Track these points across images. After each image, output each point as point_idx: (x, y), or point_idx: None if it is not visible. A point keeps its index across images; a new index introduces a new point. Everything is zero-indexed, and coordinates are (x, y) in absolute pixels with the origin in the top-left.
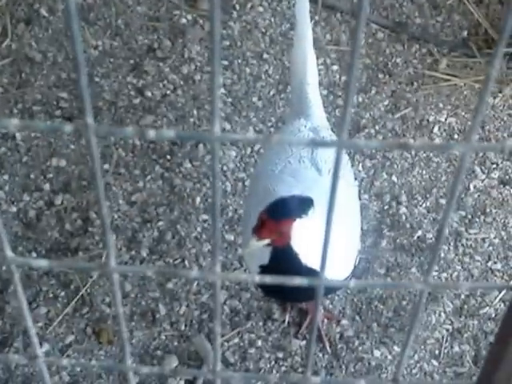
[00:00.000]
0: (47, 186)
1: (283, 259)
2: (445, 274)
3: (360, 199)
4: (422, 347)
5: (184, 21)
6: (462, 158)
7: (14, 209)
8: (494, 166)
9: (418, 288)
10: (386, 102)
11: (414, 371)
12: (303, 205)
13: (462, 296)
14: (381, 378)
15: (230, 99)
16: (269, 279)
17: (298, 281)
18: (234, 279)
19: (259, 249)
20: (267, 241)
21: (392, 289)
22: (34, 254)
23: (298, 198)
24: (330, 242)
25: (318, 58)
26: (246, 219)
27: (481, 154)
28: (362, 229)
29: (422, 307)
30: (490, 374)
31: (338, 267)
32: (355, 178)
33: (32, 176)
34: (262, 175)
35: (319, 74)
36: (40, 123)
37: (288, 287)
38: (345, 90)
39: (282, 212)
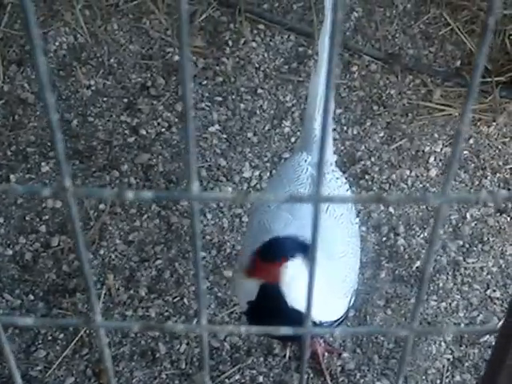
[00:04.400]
0: (43, 228)
1: (270, 297)
2: (444, 304)
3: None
4: (424, 377)
5: (177, 58)
6: (438, 209)
7: (10, 252)
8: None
9: (403, 334)
10: (381, 134)
11: None
12: (297, 246)
13: (462, 325)
14: None
15: (224, 135)
16: (255, 329)
17: (284, 330)
18: (221, 331)
19: (247, 285)
20: (256, 280)
21: (378, 334)
22: (32, 297)
23: (292, 239)
24: (323, 286)
25: None
26: (241, 256)
27: (477, 183)
28: (360, 261)
29: (409, 353)
30: (490, 382)
31: (332, 309)
32: (357, 215)
33: (27, 218)
34: (258, 210)
35: None
36: (18, 187)
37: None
38: (320, 146)
39: (273, 254)
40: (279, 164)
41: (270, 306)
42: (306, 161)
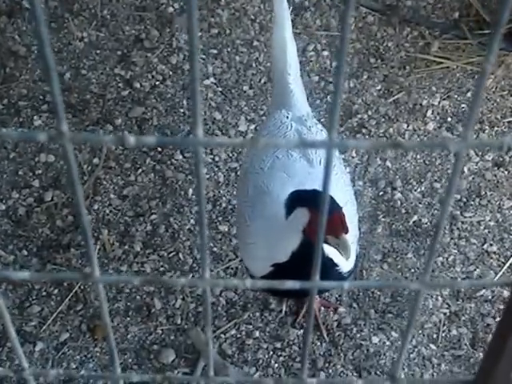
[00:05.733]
0: (36, 183)
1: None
2: (440, 258)
3: (354, 186)
4: (420, 332)
5: (171, 9)
6: (457, 155)
7: (3, 207)
8: (488, 148)
9: (414, 288)
10: (378, 87)
11: (412, 356)
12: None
13: (459, 279)
14: (379, 365)
15: (220, 88)
16: (260, 284)
17: (290, 284)
18: (225, 285)
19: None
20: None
21: (387, 287)
22: (25, 252)
23: (314, 191)
24: None
25: (308, 44)
26: (241, 221)
27: (474, 136)
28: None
29: (420, 310)
30: (490, 369)
31: None
32: (345, 166)
33: (20, 173)
34: (250, 174)
35: (310, 61)
36: (13, 132)
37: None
38: (334, 88)
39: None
40: (260, 125)
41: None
42: (287, 117)
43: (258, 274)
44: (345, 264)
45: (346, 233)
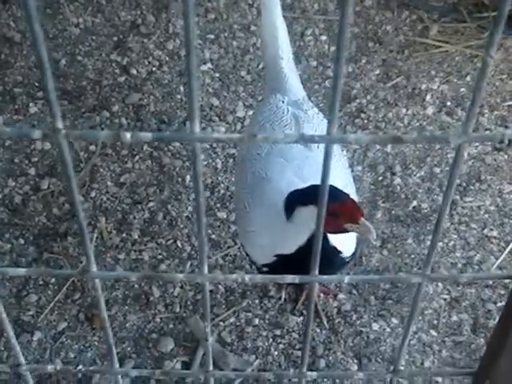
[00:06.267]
0: (32, 171)
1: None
2: (441, 244)
3: (353, 171)
4: (420, 318)
5: None
6: (458, 149)
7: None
8: (488, 132)
9: (416, 281)
10: (376, 71)
11: (412, 342)
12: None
13: (459, 265)
14: (380, 352)
15: (217, 74)
16: (260, 277)
17: (290, 278)
18: (224, 280)
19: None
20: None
21: (388, 282)
22: (22, 241)
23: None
24: None
25: (306, 29)
26: (239, 207)
27: (474, 121)
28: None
29: (421, 298)
30: (492, 360)
31: (348, 240)
32: (343, 149)
33: (16, 160)
34: (248, 160)
35: (308, 46)
36: (6, 129)
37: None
38: (333, 81)
39: (342, 194)
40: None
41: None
42: (283, 102)
43: (259, 262)
44: (347, 250)
45: (363, 215)
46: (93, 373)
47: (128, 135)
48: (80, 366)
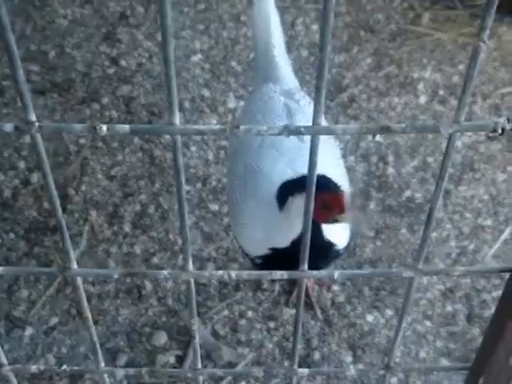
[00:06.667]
0: (22, 164)
1: (314, 233)
2: (435, 234)
3: (346, 161)
4: (415, 309)
5: None
6: (450, 139)
7: None
8: (480, 121)
9: (408, 275)
10: (368, 60)
11: (407, 333)
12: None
13: (453, 255)
14: (374, 343)
15: (207, 65)
16: (246, 274)
17: (279, 274)
18: (209, 277)
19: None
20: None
21: (380, 277)
22: (12, 235)
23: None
24: None
25: (296, 18)
26: (232, 199)
27: (467, 110)
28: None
29: (415, 290)
30: (487, 356)
31: (342, 232)
32: (335, 139)
33: (5, 154)
34: (240, 152)
35: (299, 35)
36: None
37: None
38: (317, 70)
39: (333, 186)
40: (245, 99)
41: (313, 241)
42: (275, 91)
43: (253, 254)
44: (341, 241)
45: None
46: (78, 372)
47: (104, 128)
48: (64, 366)
